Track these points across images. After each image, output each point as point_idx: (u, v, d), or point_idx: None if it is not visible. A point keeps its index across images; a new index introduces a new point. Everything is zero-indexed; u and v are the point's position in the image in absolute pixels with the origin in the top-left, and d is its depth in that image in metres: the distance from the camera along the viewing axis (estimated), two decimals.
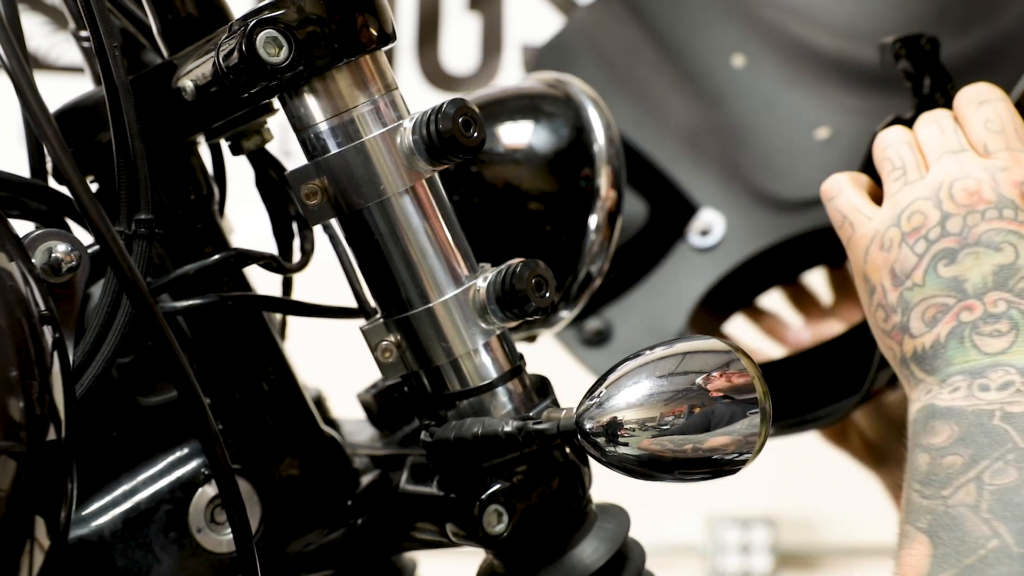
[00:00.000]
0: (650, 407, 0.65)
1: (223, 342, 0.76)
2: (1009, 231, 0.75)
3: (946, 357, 0.74)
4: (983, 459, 0.68)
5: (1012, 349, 0.72)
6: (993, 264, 0.74)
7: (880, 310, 0.78)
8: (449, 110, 0.67)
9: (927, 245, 0.76)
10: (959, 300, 0.74)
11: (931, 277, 0.75)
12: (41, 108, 0.64)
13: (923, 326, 0.75)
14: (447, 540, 0.75)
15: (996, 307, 0.73)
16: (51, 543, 0.57)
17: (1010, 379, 0.71)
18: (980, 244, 0.75)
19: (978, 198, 0.76)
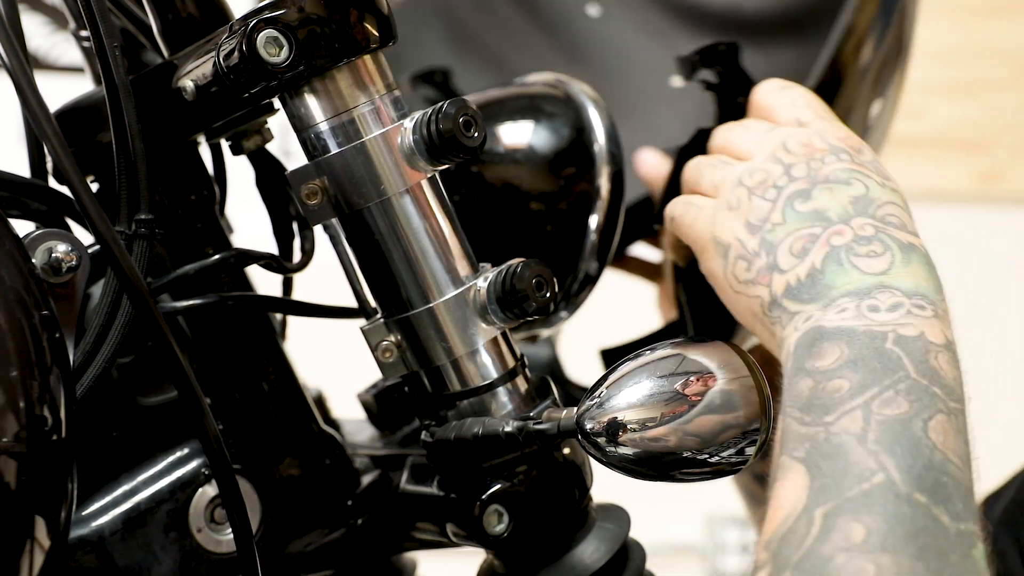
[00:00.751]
0: (650, 407, 0.65)
1: (223, 342, 0.76)
2: (852, 170, 0.74)
3: (826, 282, 0.70)
4: (873, 385, 0.63)
5: (892, 271, 0.69)
6: (849, 195, 0.73)
7: (740, 262, 0.74)
8: (449, 110, 0.67)
9: (778, 191, 0.74)
10: (826, 227, 0.71)
11: (791, 214, 0.73)
12: (41, 108, 0.64)
13: (793, 259, 0.72)
14: (447, 540, 0.75)
15: (864, 231, 0.71)
16: (51, 543, 0.57)
17: (899, 301, 0.67)
18: (830, 181, 0.73)
19: (812, 148, 0.75)
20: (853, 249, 0.70)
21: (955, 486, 0.58)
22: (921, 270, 0.69)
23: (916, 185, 2.95)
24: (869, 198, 0.72)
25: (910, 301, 0.67)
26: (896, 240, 0.70)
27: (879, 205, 0.72)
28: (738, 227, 0.75)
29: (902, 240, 0.70)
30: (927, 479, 0.58)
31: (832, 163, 0.74)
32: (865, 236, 0.70)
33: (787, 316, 0.70)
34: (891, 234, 0.70)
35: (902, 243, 0.70)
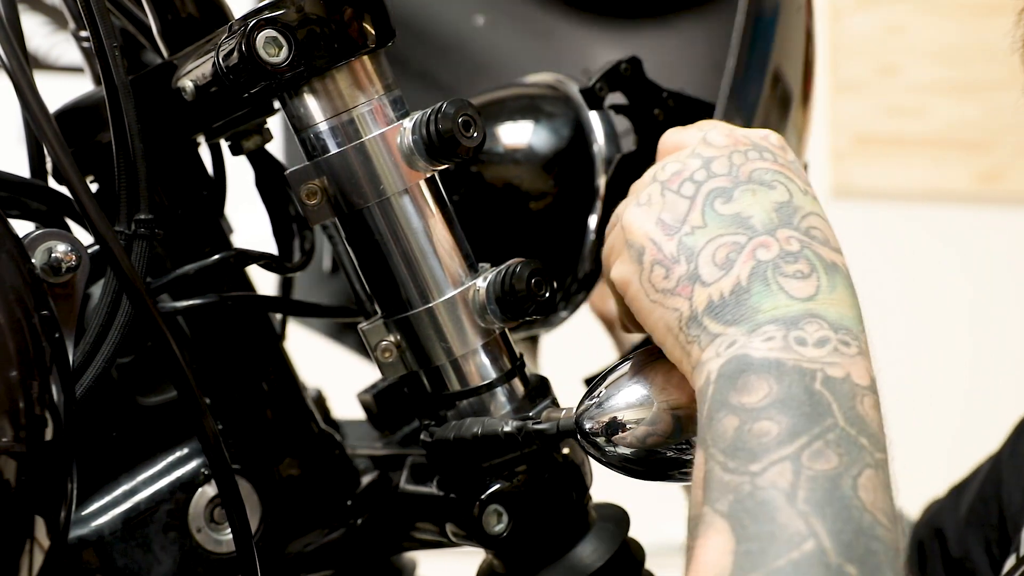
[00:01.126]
0: (650, 407, 0.65)
1: (223, 342, 0.76)
2: (775, 171, 0.67)
3: (752, 304, 0.63)
4: (803, 433, 0.58)
5: (819, 296, 0.63)
6: (772, 201, 0.66)
7: (658, 268, 0.66)
8: (449, 110, 0.67)
9: (696, 186, 0.67)
10: (751, 237, 0.65)
11: (712, 216, 0.66)
12: (41, 108, 0.64)
13: (717, 270, 0.64)
14: (447, 540, 0.75)
15: (791, 245, 0.65)
16: (51, 543, 0.57)
17: (826, 335, 0.62)
18: (752, 181, 0.67)
19: (735, 140, 0.69)
20: (780, 267, 0.64)
21: (885, 552, 0.55)
22: (846, 297, 0.64)
23: (916, 185, 2.95)
24: (793, 206, 0.66)
25: (836, 336, 0.62)
26: (821, 259, 0.65)
27: (803, 215, 0.66)
28: (650, 226, 0.67)
29: (827, 259, 0.65)
30: (857, 547, 0.54)
31: (755, 160, 0.68)
32: (791, 252, 0.64)
33: (707, 337, 0.63)
34: (816, 251, 0.65)
35: (827, 263, 0.65)
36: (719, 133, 0.70)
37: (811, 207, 0.67)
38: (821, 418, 0.58)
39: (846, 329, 0.62)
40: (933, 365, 2.78)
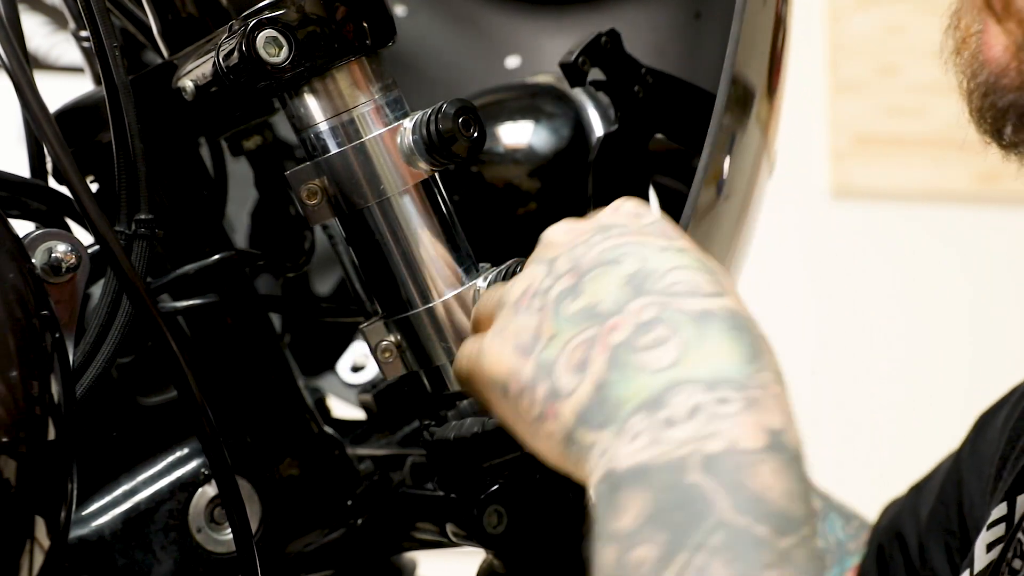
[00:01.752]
0: None
1: (223, 342, 0.76)
2: (621, 244, 0.60)
3: (614, 398, 0.55)
4: (680, 549, 0.49)
5: (685, 358, 0.55)
6: (621, 276, 0.59)
7: (523, 398, 0.59)
8: (449, 110, 0.67)
9: (542, 297, 0.61)
10: (602, 324, 0.58)
11: (561, 321, 0.59)
12: (41, 108, 0.64)
13: (574, 376, 0.57)
14: (447, 540, 0.75)
15: (646, 314, 0.57)
16: (51, 543, 0.57)
17: (697, 401, 0.53)
18: (598, 265, 0.60)
19: (576, 233, 0.62)
20: (634, 344, 0.56)
21: None
22: (722, 343, 0.55)
23: (916, 185, 2.95)
24: (647, 271, 0.58)
25: (712, 396, 0.53)
26: (686, 313, 0.56)
27: (661, 275, 0.58)
28: (507, 355, 0.61)
29: (693, 310, 0.56)
30: None
31: (598, 243, 0.61)
32: (646, 321, 0.56)
33: (584, 451, 0.56)
34: (679, 307, 0.57)
35: (693, 314, 0.56)
36: (558, 230, 0.64)
37: (672, 262, 0.59)
38: (700, 520, 0.49)
39: (725, 382, 0.54)
40: (933, 365, 2.78)
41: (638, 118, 0.77)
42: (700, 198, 0.74)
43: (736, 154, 0.77)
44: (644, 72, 0.81)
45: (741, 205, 0.81)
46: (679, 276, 0.58)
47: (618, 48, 0.80)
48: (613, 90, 0.81)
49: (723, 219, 0.78)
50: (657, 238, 0.60)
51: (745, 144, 0.79)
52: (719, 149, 0.73)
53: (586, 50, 0.79)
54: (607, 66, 0.80)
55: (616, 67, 0.80)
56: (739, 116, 0.77)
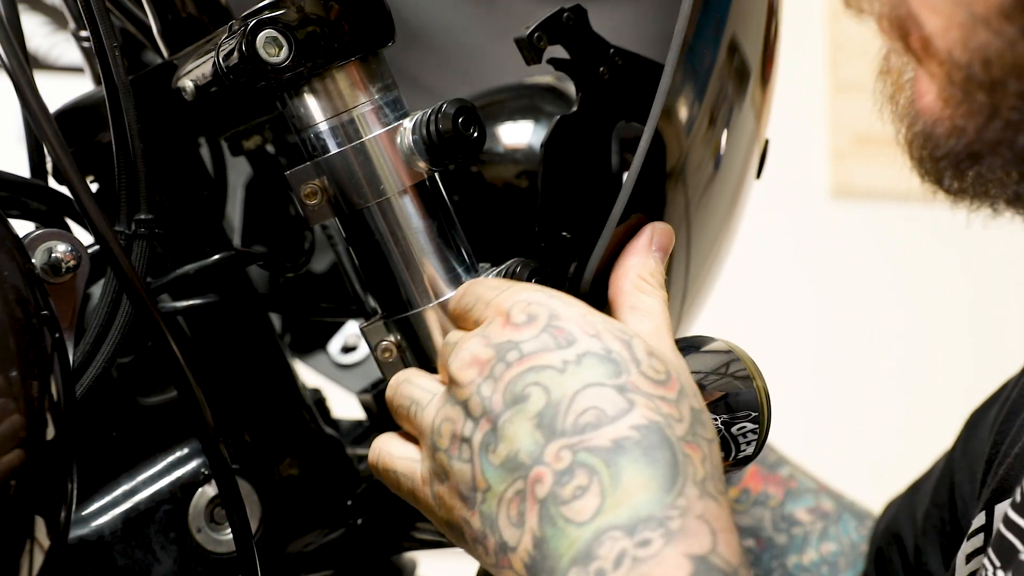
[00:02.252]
0: None
1: (223, 342, 0.76)
2: (524, 371, 0.60)
3: (551, 552, 0.57)
4: None
5: (605, 506, 0.56)
6: (531, 417, 0.59)
7: (478, 546, 0.62)
8: (449, 110, 0.67)
9: (468, 444, 0.61)
10: (525, 478, 0.59)
11: (490, 474, 0.60)
12: (41, 108, 0.64)
13: (515, 530, 0.59)
14: (447, 540, 0.75)
15: (561, 461, 0.58)
16: (51, 543, 0.57)
17: (621, 548, 0.55)
18: (508, 405, 0.60)
19: (479, 365, 0.62)
20: (558, 496, 0.57)
21: None
22: (635, 478, 0.57)
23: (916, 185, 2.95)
24: (552, 406, 0.59)
25: (633, 540, 0.55)
26: (598, 453, 0.57)
27: (566, 409, 0.59)
28: (457, 504, 0.62)
29: (605, 447, 0.58)
30: None
31: (503, 375, 0.61)
32: (564, 469, 0.58)
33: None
34: (590, 446, 0.58)
35: (606, 451, 0.57)
36: (461, 363, 0.62)
37: (575, 385, 0.60)
38: None
39: (644, 521, 0.55)
40: (933, 365, 2.78)
41: (601, 101, 0.73)
42: (698, 172, 0.74)
43: (733, 130, 0.77)
44: (612, 52, 0.76)
45: (736, 184, 0.81)
46: (585, 401, 0.59)
47: (583, 25, 0.75)
48: (575, 70, 0.75)
49: (721, 193, 0.78)
50: (554, 353, 0.60)
51: (742, 121, 0.78)
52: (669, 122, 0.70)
53: (544, 25, 0.73)
54: (569, 44, 0.74)
55: (580, 45, 0.75)
56: (737, 90, 0.76)
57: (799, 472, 1.05)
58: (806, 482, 1.03)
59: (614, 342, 0.60)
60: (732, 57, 0.75)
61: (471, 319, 0.65)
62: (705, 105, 0.72)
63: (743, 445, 0.65)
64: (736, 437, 0.66)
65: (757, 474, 1.03)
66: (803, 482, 1.03)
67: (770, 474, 1.03)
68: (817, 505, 1.02)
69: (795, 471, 1.04)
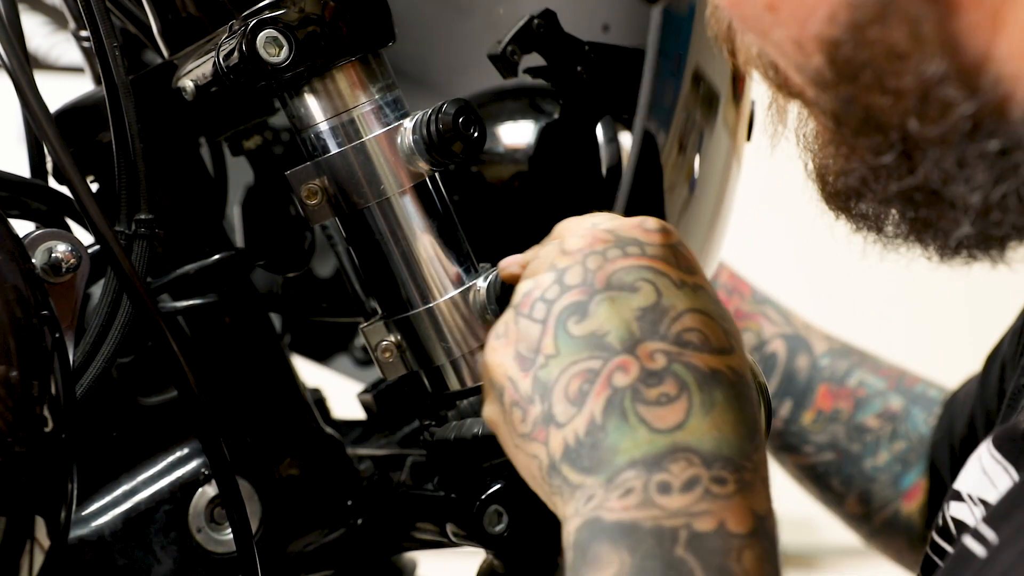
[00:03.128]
0: None
1: (223, 342, 0.76)
2: (641, 267, 0.59)
3: (608, 444, 0.55)
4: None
5: (688, 423, 0.55)
6: (634, 308, 0.57)
7: (516, 410, 0.59)
8: (449, 110, 0.67)
9: (547, 306, 0.59)
10: (607, 360, 0.56)
11: (564, 341, 0.58)
12: (41, 108, 0.64)
13: (570, 407, 0.56)
14: (447, 540, 0.75)
15: (655, 362, 0.56)
16: (51, 543, 0.57)
17: (695, 474, 0.53)
18: (611, 287, 0.58)
19: (593, 239, 0.60)
20: (640, 393, 0.55)
21: None
22: (726, 414, 0.55)
23: None
24: (661, 308, 0.57)
25: (709, 473, 0.54)
26: (694, 372, 0.56)
27: (674, 318, 0.57)
28: (508, 361, 0.59)
29: (702, 370, 0.56)
30: None
31: (616, 260, 0.59)
32: (655, 371, 0.56)
33: (568, 489, 0.56)
34: (688, 362, 0.56)
35: (702, 375, 0.56)
36: (575, 231, 0.61)
37: (687, 303, 0.58)
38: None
39: (723, 460, 0.54)
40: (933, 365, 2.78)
41: (583, 100, 0.72)
42: (673, 198, 0.73)
43: (706, 154, 0.77)
44: (587, 49, 0.74)
45: (714, 205, 0.81)
46: (692, 322, 0.57)
47: (554, 29, 0.73)
48: (553, 75, 0.74)
49: (697, 217, 0.78)
50: (675, 269, 0.59)
51: (714, 144, 0.78)
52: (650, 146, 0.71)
53: (516, 38, 0.72)
54: (544, 50, 0.73)
55: (554, 49, 0.73)
56: (707, 116, 0.76)
57: (868, 375, 1.11)
58: (875, 385, 1.09)
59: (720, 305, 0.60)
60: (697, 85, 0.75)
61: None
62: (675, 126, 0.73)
63: None
64: None
65: (827, 393, 1.09)
66: (872, 387, 1.09)
67: (839, 389, 1.09)
68: (885, 408, 1.08)
69: (864, 376, 1.10)
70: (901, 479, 1.07)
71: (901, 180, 0.50)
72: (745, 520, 0.53)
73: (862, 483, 1.07)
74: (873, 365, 1.12)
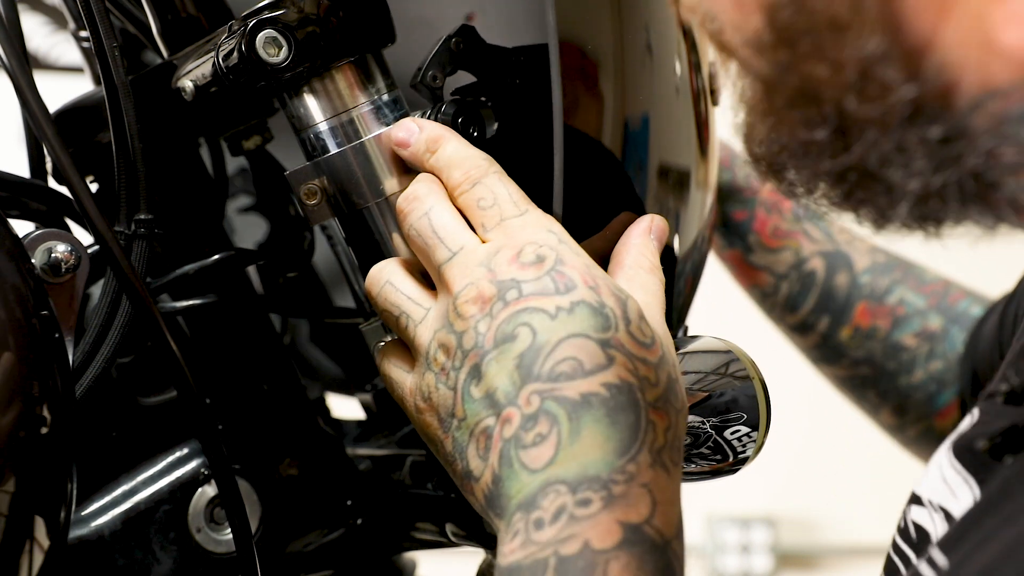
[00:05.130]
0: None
1: (223, 342, 0.76)
2: (518, 311, 0.61)
3: (504, 493, 0.59)
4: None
5: (558, 456, 0.58)
6: (514, 357, 0.60)
7: (449, 465, 0.64)
8: (449, 110, 0.67)
9: (455, 374, 0.63)
10: (497, 416, 0.60)
11: (469, 405, 0.62)
12: (41, 108, 0.64)
13: (480, 462, 0.61)
14: (447, 540, 0.75)
15: (530, 405, 0.59)
16: (51, 543, 0.57)
17: (562, 503, 0.56)
18: (497, 343, 0.61)
19: (482, 302, 0.62)
20: (520, 439, 0.59)
21: None
22: (594, 437, 0.58)
23: None
24: (536, 348, 0.60)
25: (574, 498, 0.56)
26: (564, 404, 0.59)
27: (547, 354, 0.60)
28: (434, 423, 0.64)
29: (573, 400, 0.59)
30: None
31: (499, 314, 0.62)
32: (531, 414, 0.59)
33: (495, 532, 0.62)
34: (560, 395, 0.59)
35: (572, 405, 0.59)
36: (466, 299, 0.63)
37: (561, 332, 0.60)
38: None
39: (589, 481, 0.57)
40: None
41: (523, 109, 0.69)
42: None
43: (683, 230, 0.77)
44: (515, 56, 0.71)
45: (695, 263, 0.80)
46: (565, 351, 0.60)
47: (476, 44, 0.70)
48: (486, 90, 0.70)
49: (680, 279, 0.77)
50: (551, 297, 0.61)
51: (690, 215, 0.77)
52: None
53: (433, 62, 0.69)
54: (470, 67, 0.70)
55: (481, 65, 0.70)
56: (678, 198, 0.75)
57: (909, 292, 1.09)
58: (915, 303, 1.08)
59: (609, 297, 0.61)
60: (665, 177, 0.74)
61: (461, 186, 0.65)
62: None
63: (739, 448, 0.65)
64: (730, 442, 0.65)
65: (866, 310, 1.09)
66: (911, 305, 1.08)
67: (878, 307, 1.08)
68: (923, 328, 1.07)
69: (905, 294, 1.09)
70: (936, 398, 1.07)
71: (835, 159, 0.49)
72: (610, 534, 0.55)
73: (897, 398, 1.08)
74: (917, 281, 1.10)
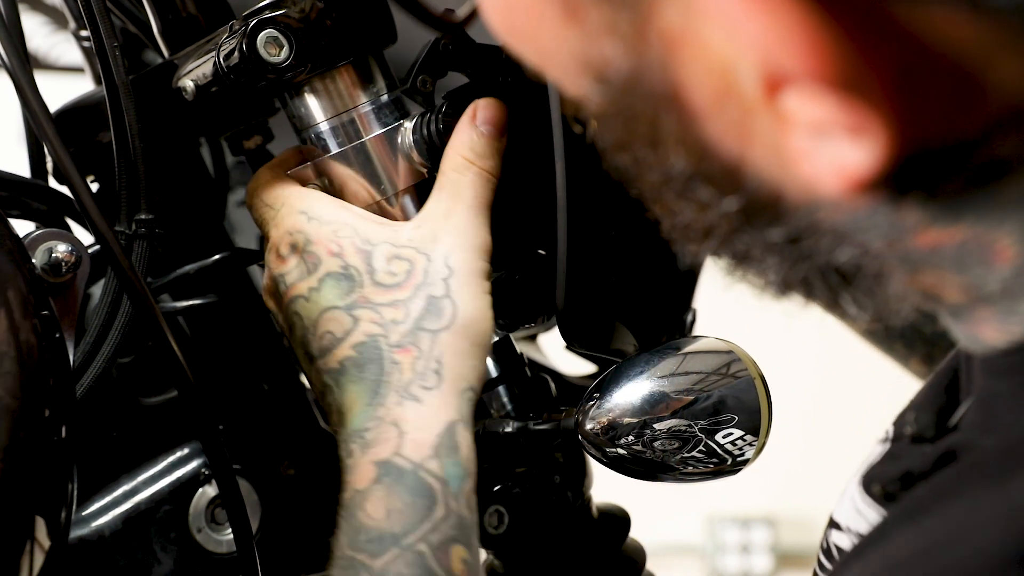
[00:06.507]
0: (650, 408, 0.65)
1: (223, 342, 0.76)
2: (289, 302, 0.66)
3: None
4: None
5: (341, 420, 0.64)
6: (298, 345, 0.66)
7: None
8: (449, 110, 0.67)
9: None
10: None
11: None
12: (41, 108, 0.64)
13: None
14: None
15: (317, 385, 0.66)
16: (52, 543, 0.57)
17: (341, 459, 0.64)
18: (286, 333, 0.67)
19: (268, 294, 0.68)
20: (322, 410, 0.66)
21: None
22: (351, 394, 0.63)
23: None
24: (305, 332, 0.65)
25: (344, 452, 0.62)
26: (331, 374, 0.64)
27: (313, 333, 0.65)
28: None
29: (335, 368, 0.64)
30: None
31: (278, 307, 0.68)
32: (320, 391, 0.65)
33: None
34: (327, 368, 0.64)
35: (335, 374, 0.64)
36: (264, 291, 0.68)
37: (319, 305, 0.64)
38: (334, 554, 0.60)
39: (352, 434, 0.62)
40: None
41: (517, 109, 0.68)
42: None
43: None
44: (506, 54, 0.68)
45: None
46: (323, 326, 0.64)
47: (465, 45, 0.69)
48: (478, 91, 0.69)
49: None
50: (305, 278, 0.64)
51: None
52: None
53: (424, 66, 0.68)
54: (461, 68, 0.69)
55: (472, 65, 0.69)
56: None
57: None
58: None
59: (354, 256, 0.64)
60: None
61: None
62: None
63: (735, 451, 0.65)
64: (724, 446, 0.65)
65: None
66: None
67: None
68: None
69: None
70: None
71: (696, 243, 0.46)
72: (367, 474, 0.60)
73: (923, 347, 1.09)
74: None
